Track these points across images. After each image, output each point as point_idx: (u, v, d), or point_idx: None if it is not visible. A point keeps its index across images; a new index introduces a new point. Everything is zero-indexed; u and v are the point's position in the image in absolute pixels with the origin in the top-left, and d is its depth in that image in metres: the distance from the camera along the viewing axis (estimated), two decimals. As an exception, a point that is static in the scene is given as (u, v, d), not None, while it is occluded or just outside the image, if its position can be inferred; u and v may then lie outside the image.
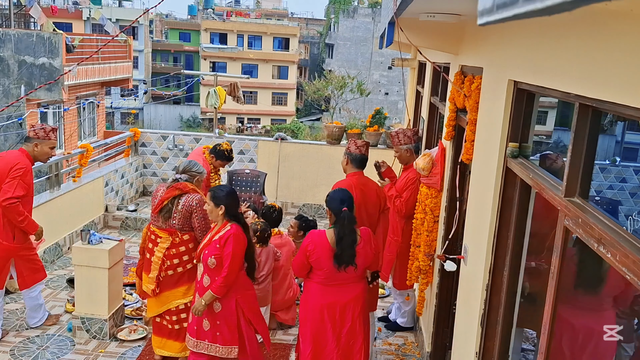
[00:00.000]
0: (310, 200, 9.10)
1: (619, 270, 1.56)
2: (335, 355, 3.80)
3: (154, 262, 4.21)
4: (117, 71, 18.36)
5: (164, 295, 4.26)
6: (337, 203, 3.73)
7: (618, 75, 1.58)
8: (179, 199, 4.14)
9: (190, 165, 4.32)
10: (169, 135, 9.39)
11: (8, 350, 4.62)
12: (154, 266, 4.21)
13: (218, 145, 5.96)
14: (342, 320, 3.79)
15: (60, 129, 15.91)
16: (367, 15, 42.22)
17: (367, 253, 3.77)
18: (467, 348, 3.20)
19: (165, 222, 4.17)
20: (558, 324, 2.13)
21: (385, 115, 10.21)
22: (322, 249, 3.68)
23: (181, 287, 4.27)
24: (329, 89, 39.37)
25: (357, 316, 3.83)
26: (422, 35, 4.05)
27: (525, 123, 2.65)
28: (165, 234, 4.18)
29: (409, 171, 4.89)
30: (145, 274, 4.31)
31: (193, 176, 4.29)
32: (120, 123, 37.93)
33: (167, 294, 4.26)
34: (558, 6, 0.76)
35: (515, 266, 2.69)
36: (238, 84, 10.84)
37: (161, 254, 4.18)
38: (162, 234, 4.19)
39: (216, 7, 50.63)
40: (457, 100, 3.83)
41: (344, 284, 3.76)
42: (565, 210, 1.99)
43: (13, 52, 14.07)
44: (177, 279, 4.24)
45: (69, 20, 32.66)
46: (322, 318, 3.79)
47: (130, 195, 8.96)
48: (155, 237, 4.24)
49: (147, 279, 4.26)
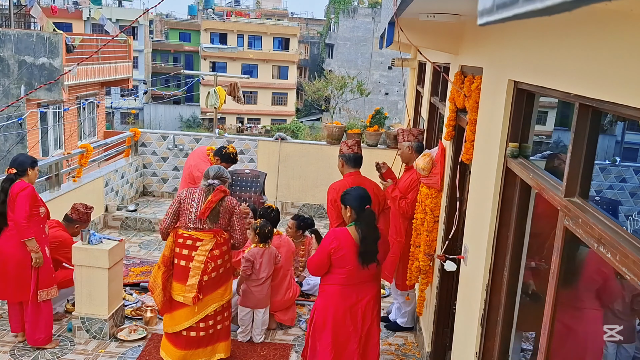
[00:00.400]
0: (310, 200, 9.09)
1: (619, 270, 1.56)
2: (356, 355, 3.83)
3: (194, 267, 4.15)
4: (117, 71, 18.36)
5: (204, 300, 4.22)
6: (359, 201, 3.77)
7: (618, 75, 1.58)
8: (223, 201, 4.26)
9: (221, 171, 4.43)
10: (169, 136, 9.39)
11: (8, 350, 4.62)
12: (193, 272, 4.14)
13: (224, 147, 5.93)
14: (363, 320, 3.84)
15: (60, 129, 15.92)
16: (367, 15, 42.23)
17: (385, 250, 3.85)
18: (467, 348, 3.20)
19: (213, 224, 4.21)
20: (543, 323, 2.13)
21: (385, 115, 10.22)
22: (348, 246, 3.70)
23: (220, 288, 4.28)
24: (329, 89, 39.37)
25: (376, 315, 3.90)
26: (422, 35, 4.05)
27: (525, 123, 2.65)
28: (209, 235, 4.18)
29: (412, 172, 4.88)
30: (179, 284, 4.20)
31: (224, 181, 4.42)
32: (120, 123, 37.94)
33: (207, 299, 4.23)
34: (558, 6, 0.76)
35: (515, 266, 2.69)
36: (238, 84, 10.84)
37: (203, 257, 4.14)
38: (204, 236, 4.18)
39: (216, 7, 50.64)
40: (457, 100, 3.83)
41: (363, 283, 3.80)
42: (565, 210, 1.99)
43: (13, 52, 14.07)
44: (217, 280, 4.26)
45: (69, 20, 32.67)
46: (344, 321, 3.80)
47: (130, 195, 8.96)
48: (193, 241, 4.18)
49: (184, 288, 4.16)
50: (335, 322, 3.80)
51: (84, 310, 4.82)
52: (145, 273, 6.26)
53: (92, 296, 4.77)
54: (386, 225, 4.41)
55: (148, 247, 7.38)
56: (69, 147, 15.11)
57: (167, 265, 4.25)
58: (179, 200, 4.29)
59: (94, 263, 4.67)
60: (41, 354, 4.60)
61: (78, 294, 4.80)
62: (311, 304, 5.74)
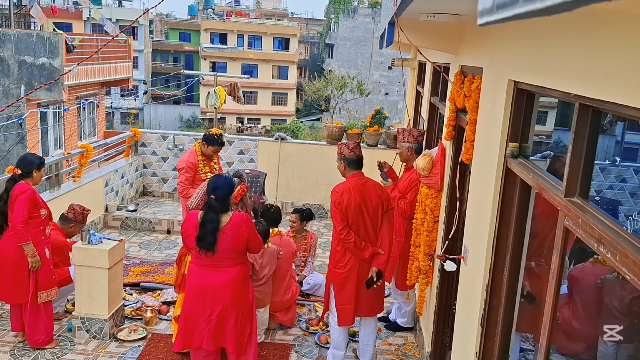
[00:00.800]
0: (310, 200, 9.09)
1: (619, 270, 1.56)
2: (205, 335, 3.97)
3: None
4: (117, 71, 18.35)
5: None
6: (210, 191, 3.91)
7: (618, 75, 1.58)
8: (244, 198, 4.67)
9: (239, 172, 4.84)
10: (169, 135, 9.39)
11: (8, 350, 4.62)
12: None
13: (207, 131, 6.00)
14: (212, 303, 3.93)
15: (60, 129, 15.91)
16: (367, 15, 42.23)
17: (236, 239, 3.89)
18: (467, 348, 3.20)
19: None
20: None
21: (385, 115, 10.21)
22: (191, 228, 3.90)
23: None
24: (329, 89, 39.36)
25: (229, 301, 3.95)
26: (422, 35, 4.05)
27: (525, 123, 2.65)
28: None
29: (411, 172, 4.89)
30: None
31: (243, 179, 4.74)
32: (120, 123, 37.93)
33: None
34: (558, 6, 0.76)
35: (515, 266, 2.69)
36: (238, 84, 10.84)
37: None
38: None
39: (216, 7, 50.65)
40: (457, 100, 3.83)
41: (215, 267, 3.92)
42: (565, 210, 1.99)
43: (13, 52, 14.06)
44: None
45: (69, 20, 32.67)
46: (194, 299, 3.97)
47: (130, 195, 8.96)
48: None
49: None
50: (188, 297, 4.11)
51: (84, 310, 4.82)
52: (145, 273, 6.26)
53: (92, 296, 4.77)
54: (390, 226, 4.41)
55: (148, 247, 7.38)
56: (69, 147, 15.11)
57: (179, 265, 4.55)
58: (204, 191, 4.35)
59: (94, 263, 4.67)
60: (41, 353, 4.60)
61: (78, 294, 4.80)
62: (311, 304, 5.74)
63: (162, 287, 5.91)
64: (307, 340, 5.12)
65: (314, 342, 5.07)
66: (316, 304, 5.75)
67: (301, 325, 5.35)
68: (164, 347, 4.76)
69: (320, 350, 4.95)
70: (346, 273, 4.33)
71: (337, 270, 4.36)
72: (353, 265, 4.31)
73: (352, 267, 4.31)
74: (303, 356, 4.85)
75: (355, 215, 4.24)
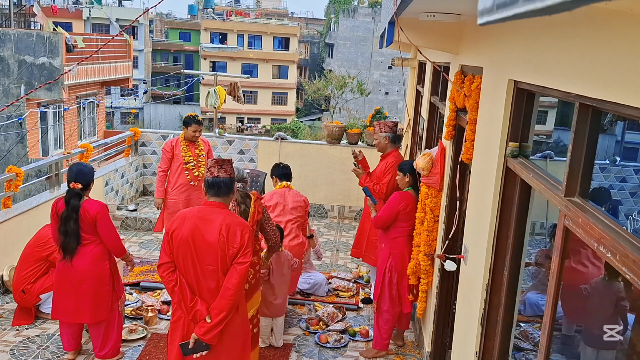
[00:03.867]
0: (310, 200, 9.03)
1: (619, 270, 1.56)
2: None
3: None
4: (117, 71, 18.35)
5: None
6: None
7: (618, 75, 1.58)
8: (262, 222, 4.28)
9: (240, 174, 4.24)
10: (169, 135, 9.38)
11: (8, 350, 4.61)
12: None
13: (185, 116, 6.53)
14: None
15: (60, 128, 15.91)
16: (367, 15, 42.23)
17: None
18: (467, 348, 3.20)
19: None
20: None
21: (385, 115, 10.17)
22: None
23: (255, 294, 4.11)
24: (329, 89, 39.36)
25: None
26: (422, 35, 4.04)
27: (525, 123, 2.65)
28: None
29: (388, 156, 5.45)
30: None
31: (245, 182, 4.28)
32: (120, 123, 37.93)
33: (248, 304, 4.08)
34: (558, 6, 0.76)
35: (515, 266, 2.69)
36: (238, 83, 10.83)
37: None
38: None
39: (216, 7, 50.62)
40: (457, 100, 3.83)
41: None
42: (565, 210, 1.99)
43: (13, 51, 14.06)
44: (254, 287, 4.08)
45: (69, 20, 32.64)
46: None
47: (130, 195, 8.96)
48: None
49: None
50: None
51: (84, 310, 4.81)
52: (145, 273, 6.27)
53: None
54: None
55: (148, 246, 7.39)
56: (69, 146, 15.11)
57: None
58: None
59: (94, 263, 4.66)
60: (41, 353, 4.59)
61: (78, 294, 4.79)
62: (311, 304, 5.74)
63: (162, 286, 5.90)
64: (307, 340, 5.12)
65: (314, 342, 5.07)
66: (316, 303, 5.75)
67: (301, 325, 5.34)
68: (164, 347, 4.75)
69: (321, 350, 4.95)
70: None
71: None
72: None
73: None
74: (303, 356, 4.85)
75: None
